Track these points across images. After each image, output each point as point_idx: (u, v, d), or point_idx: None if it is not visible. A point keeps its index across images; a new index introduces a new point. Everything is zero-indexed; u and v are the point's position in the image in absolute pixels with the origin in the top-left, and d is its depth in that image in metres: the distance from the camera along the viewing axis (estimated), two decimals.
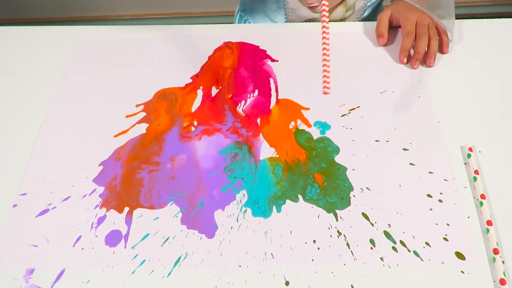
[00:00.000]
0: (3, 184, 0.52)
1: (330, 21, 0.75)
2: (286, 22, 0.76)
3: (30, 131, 0.57)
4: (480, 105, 0.58)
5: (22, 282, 0.46)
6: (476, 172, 0.51)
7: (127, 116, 0.58)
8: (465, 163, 0.52)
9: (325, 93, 0.50)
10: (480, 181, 0.50)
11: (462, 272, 0.45)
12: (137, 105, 0.59)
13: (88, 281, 0.45)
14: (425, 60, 0.62)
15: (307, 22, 0.73)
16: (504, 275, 0.44)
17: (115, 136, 0.56)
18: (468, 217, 0.48)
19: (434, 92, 0.59)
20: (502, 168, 0.52)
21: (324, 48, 0.49)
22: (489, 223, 0.47)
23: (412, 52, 0.63)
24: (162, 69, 0.64)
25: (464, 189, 0.50)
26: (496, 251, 0.45)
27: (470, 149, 0.52)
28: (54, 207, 0.51)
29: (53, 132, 0.57)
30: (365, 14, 0.77)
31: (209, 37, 0.67)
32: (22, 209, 0.50)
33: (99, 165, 0.54)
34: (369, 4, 0.76)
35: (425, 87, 0.60)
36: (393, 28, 0.67)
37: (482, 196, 0.49)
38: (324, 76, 0.49)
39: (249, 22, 0.81)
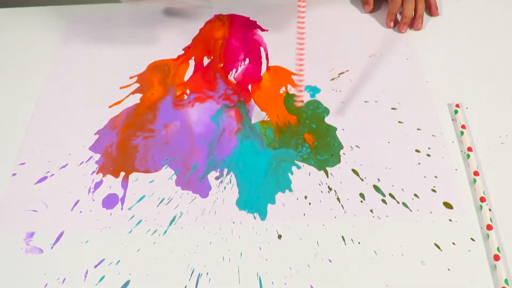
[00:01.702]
0: (2, 154, 0.54)
1: None
2: None
3: (27, 104, 0.58)
4: (467, 64, 0.59)
5: (23, 244, 0.47)
6: (463, 126, 0.52)
7: (121, 88, 0.60)
8: (452, 119, 0.53)
9: (298, 106, 0.53)
10: (467, 135, 0.51)
11: (450, 220, 0.46)
12: (131, 77, 0.61)
13: (87, 242, 0.47)
14: (413, 23, 0.63)
15: None
16: (491, 221, 0.45)
17: (110, 106, 0.58)
18: (456, 169, 0.49)
19: (422, 54, 0.60)
20: (489, 123, 0.53)
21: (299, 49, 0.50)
22: (476, 173, 0.48)
23: (399, 17, 0.64)
24: (155, 43, 0.65)
25: (452, 144, 0.51)
26: (482, 199, 0.46)
27: (457, 106, 0.53)
28: (52, 175, 0.52)
29: (50, 104, 0.58)
30: None
31: (201, 11, 0.68)
32: (21, 177, 0.52)
33: (95, 134, 0.55)
34: None
35: (413, 50, 0.61)
36: None
37: (469, 149, 0.50)
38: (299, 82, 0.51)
39: None
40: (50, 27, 0.68)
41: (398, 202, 0.47)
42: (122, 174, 0.51)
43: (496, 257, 0.42)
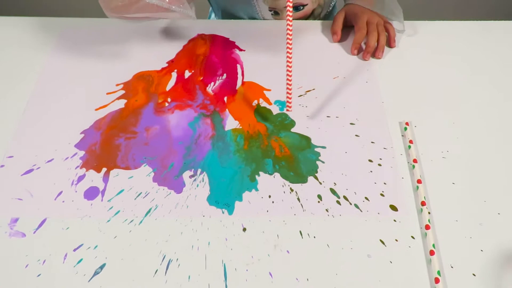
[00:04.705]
0: None
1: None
2: None
3: (18, 103, 0.63)
4: (417, 89, 0.67)
5: (7, 229, 0.51)
6: (411, 141, 0.59)
7: (107, 93, 0.65)
8: (402, 135, 0.60)
9: (288, 110, 0.60)
10: (414, 149, 0.58)
11: (395, 220, 0.52)
12: (117, 84, 0.66)
13: (68, 228, 0.51)
14: (375, 52, 0.71)
15: (273, 20, 0.81)
16: (429, 222, 0.51)
17: (96, 109, 0.63)
18: (402, 178, 0.56)
19: (380, 78, 0.68)
20: (433, 140, 0.60)
21: (288, 65, 0.57)
22: (419, 181, 0.55)
23: (363, 46, 0.72)
24: (141, 56, 0.71)
25: (400, 156, 0.58)
26: (423, 203, 0.53)
27: (407, 124, 0.61)
28: (38, 168, 0.56)
29: (39, 104, 0.63)
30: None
31: (185, 30, 0.75)
32: (8, 168, 0.56)
33: (81, 133, 0.60)
34: (329, 10, 0.86)
35: (372, 75, 0.68)
36: (347, 28, 0.76)
37: (415, 161, 0.57)
38: (287, 94, 0.59)
39: None
40: (44, 35, 0.73)
41: (350, 204, 0.53)
42: (104, 169, 0.56)
43: (432, 252, 0.49)
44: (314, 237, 0.51)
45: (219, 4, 0.88)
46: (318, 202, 0.53)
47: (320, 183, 0.55)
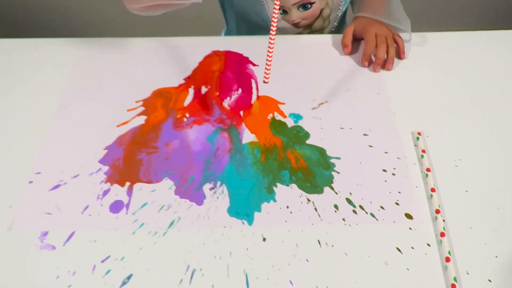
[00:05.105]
0: (20, 165, 0.61)
1: (311, 32, 0.87)
2: None
3: (43, 121, 0.66)
4: (427, 99, 0.69)
5: (38, 242, 0.53)
6: (423, 151, 0.60)
7: (128, 110, 0.67)
8: (414, 145, 0.62)
9: (265, 82, 0.59)
10: (426, 158, 0.60)
11: (410, 228, 0.54)
12: (137, 101, 0.69)
13: (95, 241, 0.53)
14: (385, 64, 0.73)
15: (285, 35, 0.84)
16: (444, 230, 0.53)
17: (118, 126, 0.65)
18: (416, 187, 0.57)
19: (391, 90, 0.70)
20: (445, 148, 0.61)
21: (269, 43, 0.59)
22: (432, 190, 0.56)
23: (373, 58, 0.74)
24: (159, 73, 0.73)
25: (414, 165, 0.60)
26: (437, 211, 0.54)
27: (419, 133, 0.62)
28: (65, 183, 0.59)
29: (63, 122, 0.66)
30: (336, 24, 0.89)
31: (200, 47, 0.78)
32: (37, 184, 0.58)
33: (104, 149, 0.62)
34: (339, 14, 0.88)
35: (383, 86, 0.70)
36: (357, 40, 0.78)
37: (428, 170, 0.58)
38: (266, 65, 0.59)
39: None
40: (66, 55, 0.76)
41: (366, 213, 0.55)
42: (128, 184, 0.58)
43: (447, 259, 0.50)
44: (332, 245, 0.52)
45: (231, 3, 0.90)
46: (335, 211, 0.55)
47: (336, 193, 0.57)
